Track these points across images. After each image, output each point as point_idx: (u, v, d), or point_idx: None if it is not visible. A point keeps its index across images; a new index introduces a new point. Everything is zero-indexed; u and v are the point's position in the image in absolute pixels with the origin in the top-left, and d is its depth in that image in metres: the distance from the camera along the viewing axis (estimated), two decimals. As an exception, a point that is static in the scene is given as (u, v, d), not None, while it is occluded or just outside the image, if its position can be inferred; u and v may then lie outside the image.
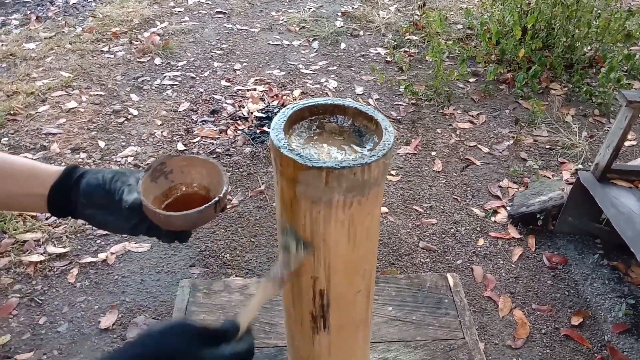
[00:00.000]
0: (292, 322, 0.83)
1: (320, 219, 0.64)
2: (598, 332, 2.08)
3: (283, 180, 0.64)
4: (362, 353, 0.90)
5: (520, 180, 2.82)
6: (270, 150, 0.64)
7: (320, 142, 0.68)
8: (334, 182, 0.59)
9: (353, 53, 4.02)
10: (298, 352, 0.87)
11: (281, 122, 0.65)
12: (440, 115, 3.34)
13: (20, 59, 3.77)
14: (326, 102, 0.69)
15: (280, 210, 0.70)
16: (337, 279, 0.72)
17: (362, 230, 0.68)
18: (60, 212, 0.73)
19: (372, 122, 0.67)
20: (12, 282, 2.22)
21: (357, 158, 0.60)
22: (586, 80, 3.61)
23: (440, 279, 1.29)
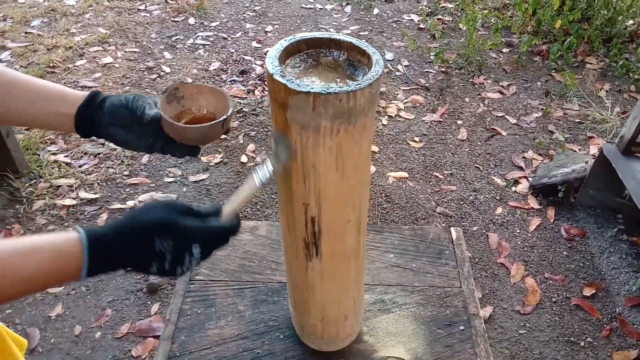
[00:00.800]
0: (288, 249, 0.89)
1: (309, 144, 0.69)
2: (609, 304, 2.08)
3: (275, 106, 0.68)
4: (355, 286, 0.95)
5: (546, 152, 2.79)
6: (266, 78, 0.69)
7: (314, 75, 0.72)
8: (320, 108, 0.63)
9: (386, 19, 3.99)
10: (294, 280, 0.93)
11: (277, 52, 0.69)
12: (469, 84, 3.30)
13: (60, 15, 3.88)
14: (322, 36, 0.72)
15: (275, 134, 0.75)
16: (327, 207, 0.77)
17: (350, 160, 0.72)
18: (86, 131, 0.79)
19: (365, 56, 0.71)
20: (47, 222, 2.36)
21: (344, 86, 0.63)
22: (624, 55, 3.50)
23: (443, 232, 1.33)
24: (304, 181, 0.74)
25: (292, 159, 0.72)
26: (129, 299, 2.08)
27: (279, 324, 1.13)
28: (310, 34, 0.73)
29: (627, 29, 3.63)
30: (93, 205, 2.46)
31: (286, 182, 0.77)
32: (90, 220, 2.39)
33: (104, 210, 2.43)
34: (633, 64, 3.34)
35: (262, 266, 1.25)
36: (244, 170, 2.65)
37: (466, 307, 1.16)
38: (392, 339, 1.10)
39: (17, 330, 1.95)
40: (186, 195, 2.51)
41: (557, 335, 1.97)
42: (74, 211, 2.42)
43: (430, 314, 1.15)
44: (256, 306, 1.17)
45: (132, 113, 0.77)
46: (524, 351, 1.92)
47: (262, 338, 1.10)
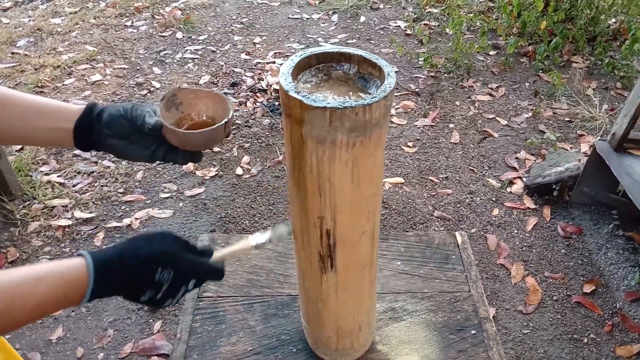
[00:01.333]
0: (302, 262, 0.89)
1: (325, 159, 0.69)
2: (610, 299, 2.11)
3: (291, 122, 0.68)
4: (368, 295, 0.95)
5: (538, 152, 2.82)
6: (280, 94, 0.69)
7: (326, 89, 0.72)
8: (337, 122, 0.64)
9: (373, 26, 4.02)
10: (308, 293, 0.93)
11: (289, 68, 0.70)
12: (459, 87, 3.33)
13: (46, 34, 3.86)
14: (332, 51, 0.73)
15: (289, 153, 0.75)
16: (342, 219, 0.77)
17: (366, 172, 0.72)
18: (85, 145, 0.78)
19: (376, 68, 0.71)
20: (43, 244, 2.34)
21: (359, 99, 0.64)
22: (609, 53, 3.56)
23: (448, 237, 1.33)
24: (319, 195, 0.74)
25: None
26: (131, 318, 2.06)
27: (291, 337, 1.13)
28: (320, 49, 0.74)
29: (610, 27, 3.70)
30: (89, 224, 2.43)
31: (300, 195, 0.77)
32: (87, 240, 2.36)
33: (100, 230, 2.41)
34: (618, 62, 3.39)
35: (270, 280, 1.25)
36: (239, 182, 2.65)
37: (476, 311, 1.17)
38: (406, 346, 1.10)
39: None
40: (183, 211, 2.50)
41: (561, 333, 1.98)
42: (70, 231, 2.40)
43: (442, 319, 1.15)
44: (267, 320, 1.16)
45: (131, 123, 0.76)
46: (528, 351, 1.93)
47: (275, 352, 1.10)
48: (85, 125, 0.77)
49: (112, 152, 0.79)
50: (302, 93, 0.65)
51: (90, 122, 0.77)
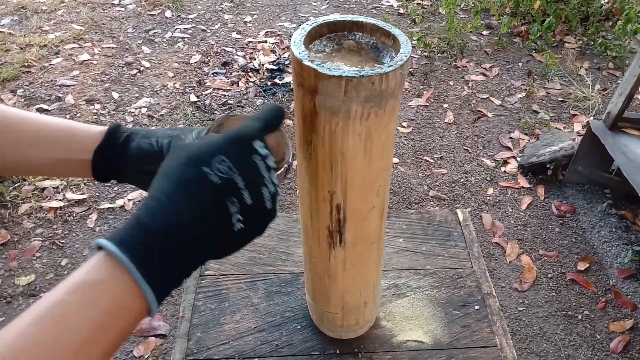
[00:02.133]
0: (309, 238, 0.87)
1: (338, 130, 0.67)
2: (603, 277, 2.13)
3: (303, 92, 0.66)
4: (374, 271, 0.95)
5: (532, 132, 2.83)
6: (292, 63, 0.67)
7: (338, 59, 0.70)
8: (352, 92, 0.62)
9: (365, 5, 3.97)
10: (315, 269, 0.92)
11: (301, 36, 0.68)
12: (452, 67, 3.32)
13: (31, 12, 3.77)
14: (344, 19, 0.71)
15: (299, 126, 0.73)
16: (353, 193, 0.76)
17: (378, 145, 0.71)
18: (105, 178, 0.65)
19: (390, 37, 0.69)
20: (34, 226, 2.30)
21: (376, 68, 0.62)
22: (602, 33, 3.56)
23: (450, 214, 1.33)
24: (330, 168, 0.72)
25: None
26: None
27: (295, 314, 1.12)
28: (332, 17, 0.71)
29: (603, 7, 3.69)
30: (81, 206, 2.40)
31: (310, 169, 0.76)
32: (80, 221, 2.33)
33: (92, 211, 2.38)
34: (610, 42, 3.40)
35: (273, 257, 1.24)
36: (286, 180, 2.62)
37: (479, 287, 1.17)
38: (410, 322, 1.10)
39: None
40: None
41: (555, 310, 2.01)
42: (61, 213, 2.37)
43: (445, 295, 1.15)
44: (270, 298, 1.15)
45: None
46: (524, 327, 1.95)
47: (280, 329, 1.09)
48: (107, 156, 0.63)
49: (139, 186, 0.66)
50: (315, 62, 0.63)
51: (112, 151, 0.63)
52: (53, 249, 2.22)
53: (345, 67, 0.67)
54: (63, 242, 2.25)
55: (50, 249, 2.22)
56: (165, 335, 1.90)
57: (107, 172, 0.64)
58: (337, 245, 0.84)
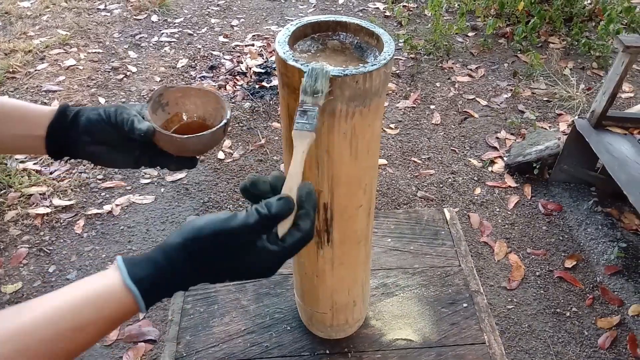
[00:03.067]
0: (297, 238, 0.88)
1: (324, 129, 0.68)
2: (590, 274, 2.15)
3: (289, 91, 0.67)
4: (363, 270, 0.95)
5: (518, 131, 2.85)
6: (276, 63, 0.68)
7: (323, 59, 0.71)
8: (337, 90, 0.63)
9: (351, 8, 3.99)
10: (304, 269, 0.93)
11: (285, 37, 0.68)
12: (439, 69, 3.34)
13: (15, 18, 3.74)
14: (328, 19, 0.72)
15: (285, 125, 0.74)
16: (340, 192, 0.77)
17: (364, 143, 0.72)
18: (58, 153, 0.70)
19: (374, 37, 0.70)
20: (21, 233, 2.28)
21: (359, 67, 0.63)
22: (585, 33, 3.61)
23: (437, 213, 1.34)
24: (317, 167, 0.73)
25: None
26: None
27: (285, 315, 1.12)
28: (316, 18, 0.72)
29: (586, 8, 3.74)
30: (68, 212, 2.38)
31: (297, 169, 0.76)
32: (67, 227, 2.31)
33: (80, 217, 2.36)
34: (594, 42, 3.44)
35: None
36: (221, 167, 2.62)
37: (467, 285, 1.18)
38: (399, 321, 1.11)
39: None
40: (164, 196, 2.46)
41: (544, 308, 2.02)
42: (49, 219, 2.34)
43: (433, 294, 1.16)
44: (260, 300, 1.15)
45: (115, 129, 0.68)
46: (513, 325, 1.96)
47: (270, 331, 1.09)
48: (59, 131, 0.68)
49: (90, 159, 0.72)
50: (300, 61, 0.63)
51: (64, 127, 0.68)
52: (40, 255, 2.20)
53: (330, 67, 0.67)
54: (50, 248, 2.22)
55: (38, 256, 2.20)
56: (155, 340, 1.89)
57: (60, 146, 0.69)
58: (324, 244, 0.84)
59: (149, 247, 2.23)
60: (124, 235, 2.28)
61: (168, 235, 0.57)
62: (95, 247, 2.24)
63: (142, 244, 2.25)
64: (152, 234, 2.29)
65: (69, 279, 2.12)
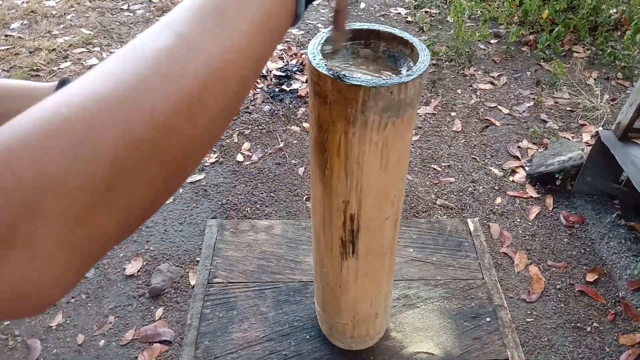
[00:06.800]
0: (321, 247, 0.86)
1: (355, 140, 0.67)
2: (612, 289, 2.11)
3: (320, 101, 0.66)
4: (386, 282, 0.93)
5: (540, 141, 2.81)
6: (308, 72, 0.66)
7: (354, 67, 0.70)
8: (371, 101, 0.61)
9: (373, 13, 3.98)
10: (326, 279, 0.91)
11: (317, 44, 0.67)
12: (460, 76, 3.31)
13: (41, 16, 3.79)
14: (361, 28, 0.70)
15: (314, 134, 0.72)
16: (367, 203, 0.75)
17: (394, 155, 0.70)
18: None
19: (408, 46, 0.69)
20: (41, 230, 2.30)
21: (394, 77, 0.61)
22: (610, 43, 3.54)
23: (460, 224, 1.32)
24: (346, 178, 0.72)
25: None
26: (132, 305, 2.03)
27: (304, 324, 1.11)
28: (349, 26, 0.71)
29: (612, 17, 3.68)
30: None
31: (325, 179, 0.75)
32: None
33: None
34: (619, 52, 3.38)
35: (281, 266, 1.23)
36: (240, 169, 2.62)
37: (490, 299, 1.16)
38: (420, 334, 1.09)
39: (17, 342, 1.90)
40: (183, 197, 2.47)
41: (564, 322, 1.99)
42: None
43: (456, 307, 1.14)
44: (279, 307, 1.14)
45: None
46: (532, 339, 1.93)
47: (288, 339, 1.08)
48: None
49: None
50: (333, 71, 0.62)
51: None
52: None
53: (363, 76, 0.66)
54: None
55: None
56: (170, 341, 1.89)
57: None
58: (349, 255, 0.83)
59: (167, 247, 2.23)
60: (142, 235, 2.29)
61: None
62: (113, 246, 2.25)
63: (160, 244, 2.25)
64: (170, 234, 2.30)
65: (87, 276, 2.13)
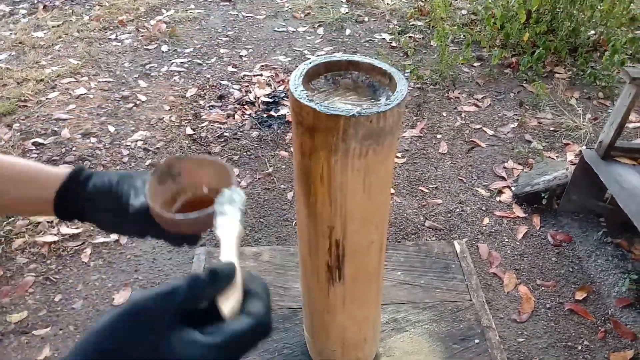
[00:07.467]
0: (308, 273, 0.87)
1: (337, 168, 0.68)
2: (602, 306, 2.12)
3: (302, 130, 0.67)
4: (374, 306, 0.94)
5: (525, 161, 2.85)
6: (290, 102, 0.68)
7: (335, 97, 0.72)
8: (351, 130, 0.63)
9: (358, 39, 4.05)
10: (314, 305, 0.92)
11: (299, 76, 0.69)
12: (445, 99, 3.37)
13: (29, 47, 3.81)
14: (341, 59, 0.73)
15: (298, 162, 0.74)
16: (352, 228, 0.76)
17: (377, 180, 0.72)
18: (68, 216, 0.69)
19: (386, 76, 0.71)
20: (27, 261, 2.28)
21: (373, 106, 0.63)
22: (590, 63, 3.63)
23: (447, 246, 1.33)
24: (329, 204, 0.73)
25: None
26: None
27: (294, 351, 1.11)
28: (328, 57, 0.73)
29: (590, 38, 3.78)
30: (76, 240, 2.38)
31: (309, 205, 0.76)
32: (74, 256, 2.31)
33: (87, 245, 2.36)
34: (599, 72, 3.46)
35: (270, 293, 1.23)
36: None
37: (479, 320, 1.16)
38: (410, 357, 1.09)
39: (4, 377, 1.86)
40: (172, 224, 2.46)
41: (555, 341, 1.99)
42: (55, 248, 2.34)
43: (445, 329, 1.14)
44: (268, 334, 1.14)
45: (116, 200, 0.66)
46: (524, 359, 1.93)
47: (278, 367, 1.08)
48: (68, 194, 0.67)
49: (97, 225, 0.70)
50: (314, 101, 0.64)
51: (73, 192, 0.67)
52: (46, 284, 2.19)
53: (343, 106, 0.68)
54: (57, 277, 2.22)
55: (44, 285, 2.19)
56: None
57: (69, 209, 0.68)
58: (336, 281, 0.84)
59: (156, 276, 2.22)
60: (131, 265, 2.27)
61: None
62: (101, 276, 2.23)
63: (149, 273, 2.24)
64: (158, 263, 2.28)
65: (75, 308, 2.11)
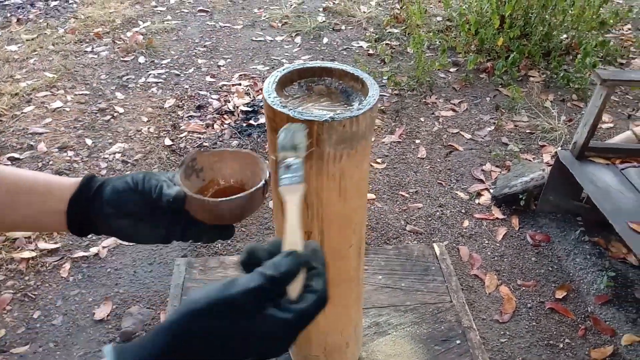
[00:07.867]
0: (288, 280, 0.87)
1: (312, 172, 0.69)
2: (581, 304, 2.16)
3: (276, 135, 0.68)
4: (356, 310, 0.94)
5: (503, 163, 2.89)
6: (264, 109, 0.69)
7: (309, 103, 0.72)
8: (325, 135, 0.64)
9: (335, 47, 4.08)
10: (294, 311, 0.92)
11: (272, 83, 0.70)
12: (422, 104, 3.40)
13: (2, 61, 3.76)
14: (314, 65, 0.73)
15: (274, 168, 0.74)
16: (330, 233, 0.77)
17: (352, 184, 0.72)
18: (82, 229, 0.65)
19: (358, 82, 0.72)
20: (4, 278, 2.23)
21: (346, 111, 0.64)
22: (563, 66, 3.71)
23: (427, 249, 1.34)
24: (307, 209, 0.73)
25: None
26: (103, 351, 1.97)
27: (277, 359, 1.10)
28: (302, 64, 0.74)
29: (563, 42, 3.86)
30: (54, 255, 2.34)
31: (286, 211, 0.76)
32: (52, 271, 2.27)
33: (66, 260, 2.33)
34: (572, 75, 3.54)
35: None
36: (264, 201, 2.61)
37: (459, 321, 1.17)
38: (392, 360, 1.10)
39: (-18, 398, 1.82)
40: (153, 236, 2.44)
41: (537, 340, 2.01)
42: (34, 264, 2.30)
43: (426, 331, 1.15)
44: (251, 342, 1.14)
45: (144, 197, 0.62)
46: (507, 359, 1.94)
47: (261, 375, 1.07)
48: (82, 204, 0.62)
49: (115, 235, 0.65)
50: (287, 107, 0.65)
51: (87, 199, 0.62)
52: (25, 301, 2.15)
53: (317, 111, 0.69)
54: (35, 293, 2.18)
55: (22, 302, 2.15)
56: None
57: (82, 221, 0.63)
58: (316, 285, 0.84)
59: (137, 289, 2.19)
60: (111, 278, 2.24)
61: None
62: (81, 290, 2.20)
63: (130, 286, 2.21)
64: (139, 276, 2.26)
65: (55, 324, 2.07)
